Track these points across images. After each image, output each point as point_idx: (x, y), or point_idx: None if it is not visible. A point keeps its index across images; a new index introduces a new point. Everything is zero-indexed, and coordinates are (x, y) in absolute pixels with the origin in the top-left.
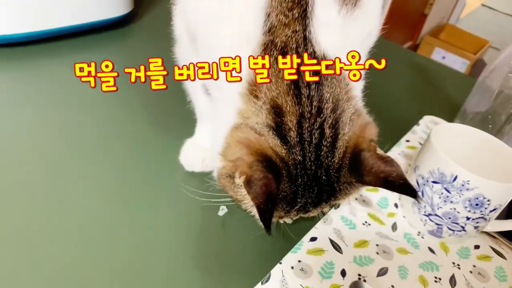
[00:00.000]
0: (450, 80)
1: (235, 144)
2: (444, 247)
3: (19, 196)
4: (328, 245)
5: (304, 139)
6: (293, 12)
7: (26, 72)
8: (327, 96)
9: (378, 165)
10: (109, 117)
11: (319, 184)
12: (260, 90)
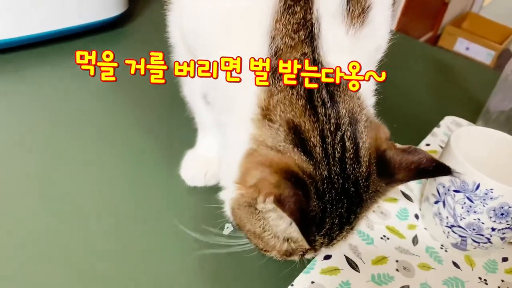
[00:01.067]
0: (473, 74)
1: (254, 167)
2: (470, 260)
3: (15, 200)
4: (344, 263)
5: (328, 154)
6: (299, 34)
7: (21, 77)
8: (343, 112)
9: (406, 158)
10: (103, 123)
11: (348, 197)
12: (275, 113)
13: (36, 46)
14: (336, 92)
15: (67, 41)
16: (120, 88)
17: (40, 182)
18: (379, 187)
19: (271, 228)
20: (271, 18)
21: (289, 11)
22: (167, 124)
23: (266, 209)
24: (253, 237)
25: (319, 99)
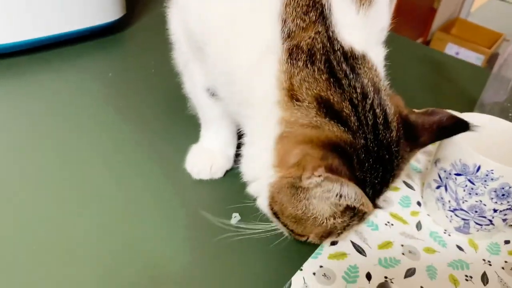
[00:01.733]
0: (465, 73)
1: (293, 146)
2: (473, 243)
3: (18, 202)
4: (351, 248)
5: (362, 123)
6: (309, 15)
7: (19, 83)
8: (366, 82)
9: (427, 119)
10: (105, 127)
11: (383, 165)
12: (301, 92)
13: (36, 51)
14: (356, 65)
15: (66, 46)
16: (122, 89)
17: (47, 182)
18: (405, 153)
19: (314, 207)
20: (281, 3)
21: None
22: (169, 121)
23: (312, 184)
24: (292, 222)
25: (341, 72)
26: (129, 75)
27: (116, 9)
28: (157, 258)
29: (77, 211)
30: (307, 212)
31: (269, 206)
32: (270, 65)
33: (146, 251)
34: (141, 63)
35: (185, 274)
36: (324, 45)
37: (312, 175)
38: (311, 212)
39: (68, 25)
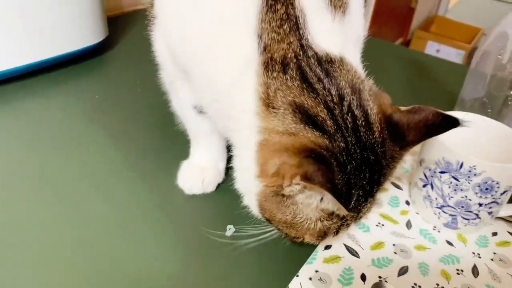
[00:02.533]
0: (445, 71)
1: (271, 155)
2: (462, 238)
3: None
4: (344, 251)
5: (340, 126)
6: (283, 27)
7: (6, 111)
8: (343, 84)
9: (412, 117)
10: (95, 147)
11: (369, 165)
12: (276, 100)
13: (21, 78)
14: (330, 68)
15: (51, 72)
16: (110, 110)
17: (37, 201)
18: (394, 152)
19: (301, 211)
20: (257, 20)
21: (271, 9)
22: (159, 138)
23: (293, 192)
24: (284, 227)
25: (314, 76)
26: (116, 95)
27: (98, 32)
28: (156, 272)
29: (69, 230)
30: (295, 217)
31: (261, 213)
32: (248, 79)
33: (142, 267)
34: (127, 83)
35: (183, 284)
36: (297, 54)
37: (291, 183)
38: (299, 217)
39: (51, 51)
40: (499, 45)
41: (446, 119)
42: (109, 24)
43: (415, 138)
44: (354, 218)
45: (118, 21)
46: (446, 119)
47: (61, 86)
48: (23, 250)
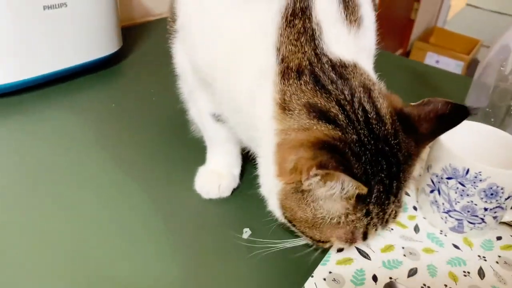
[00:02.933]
0: (446, 81)
1: (288, 152)
2: (468, 242)
3: (13, 239)
4: (356, 254)
5: (352, 119)
6: (300, 40)
7: (24, 120)
8: (356, 84)
9: (423, 109)
10: (113, 155)
11: (385, 157)
12: (292, 103)
13: (39, 88)
14: (344, 72)
15: (67, 81)
16: (126, 118)
17: (55, 207)
18: (411, 148)
19: (322, 207)
20: (276, 35)
21: (290, 24)
22: (175, 145)
23: (312, 185)
24: (307, 228)
25: (327, 79)
26: (131, 104)
27: (113, 43)
28: (174, 274)
29: (88, 235)
30: (317, 214)
31: (283, 215)
32: (266, 88)
33: (161, 269)
34: (141, 92)
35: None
36: (311, 61)
37: (309, 176)
38: (321, 214)
39: (68, 61)
40: (501, 57)
41: (455, 108)
42: (123, 34)
43: (428, 130)
44: (380, 217)
45: (131, 32)
46: (455, 108)
47: (79, 95)
48: (35, 260)
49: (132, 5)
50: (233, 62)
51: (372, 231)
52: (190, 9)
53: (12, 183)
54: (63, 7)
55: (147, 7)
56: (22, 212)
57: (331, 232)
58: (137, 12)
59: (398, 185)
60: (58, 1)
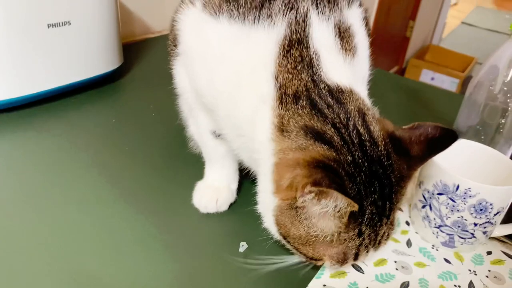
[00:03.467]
0: (440, 99)
1: (285, 171)
2: (459, 256)
3: (15, 254)
4: (349, 267)
5: (347, 141)
6: (297, 68)
7: (25, 134)
8: (351, 108)
9: (414, 132)
10: (112, 168)
11: (378, 179)
12: (289, 125)
13: (43, 102)
14: (341, 97)
15: (70, 96)
16: (126, 133)
17: (56, 219)
18: (403, 170)
19: (315, 225)
20: (274, 65)
21: (287, 54)
22: (173, 160)
23: (306, 203)
24: (301, 245)
25: (324, 104)
26: (131, 120)
27: (114, 59)
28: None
29: (87, 249)
30: (310, 232)
31: (278, 231)
32: (265, 113)
33: (159, 280)
34: (141, 108)
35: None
36: (308, 87)
37: (303, 193)
38: (315, 232)
39: (71, 77)
40: (491, 77)
41: (445, 132)
42: (123, 51)
43: (419, 153)
44: (372, 238)
45: (131, 49)
46: (444, 132)
47: (80, 110)
48: (36, 275)
49: (133, 22)
50: (234, 91)
51: (364, 253)
52: (192, 40)
53: (11, 198)
54: (66, 25)
55: (147, 24)
56: (21, 226)
57: (323, 251)
58: (137, 29)
59: (390, 206)
60: (62, 20)
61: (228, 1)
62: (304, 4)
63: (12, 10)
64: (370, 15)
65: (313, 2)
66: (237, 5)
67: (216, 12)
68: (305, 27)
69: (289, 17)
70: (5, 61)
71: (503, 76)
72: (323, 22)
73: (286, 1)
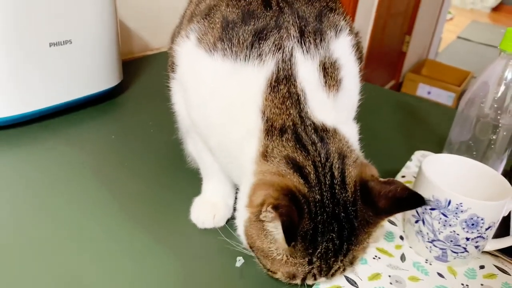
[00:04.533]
0: (435, 114)
1: (259, 188)
2: (452, 270)
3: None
4: (344, 282)
5: (320, 181)
6: (286, 103)
7: (25, 151)
8: (333, 149)
9: (384, 187)
10: (112, 185)
11: (338, 221)
12: (273, 154)
13: (44, 119)
14: (325, 136)
15: (70, 113)
16: (125, 148)
17: (55, 234)
18: (368, 217)
19: (274, 242)
20: (262, 99)
21: (274, 90)
22: (172, 176)
23: (266, 218)
24: (262, 256)
25: (309, 140)
26: (130, 136)
27: (114, 77)
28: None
29: (85, 260)
30: (270, 246)
31: (246, 241)
32: (252, 144)
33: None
34: (140, 124)
35: None
36: (295, 122)
37: (265, 210)
38: (271, 248)
39: (71, 94)
40: (481, 94)
41: (411, 195)
42: (123, 68)
43: (385, 206)
44: (322, 270)
45: (130, 66)
46: (411, 195)
47: (80, 127)
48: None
49: (132, 40)
50: (225, 123)
51: (311, 279)
52: (187, 73)
53: (12, 214)
54: (67, 44)
55: (146, 41)
56: (21, 244)
57: (278, 266)
58: (136, 46)
59: (348, 247)
60: (64, 39)
61: (222, 41)
62: (290, 43)
63: (17, 30)
64: (366, 30)
65: (299, 41)
66: (230, 45)
67: (211, 50)
68: (291, 65)
69: (277, 56)
70: (7, 79)
71: (493, 93)
72: (308, 60)
73: (276, 42)
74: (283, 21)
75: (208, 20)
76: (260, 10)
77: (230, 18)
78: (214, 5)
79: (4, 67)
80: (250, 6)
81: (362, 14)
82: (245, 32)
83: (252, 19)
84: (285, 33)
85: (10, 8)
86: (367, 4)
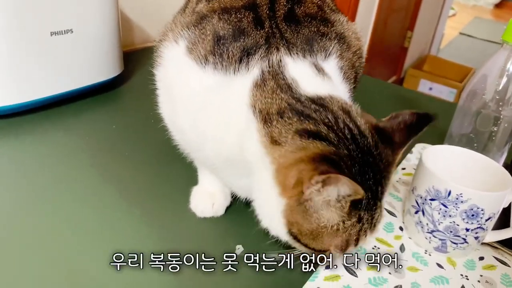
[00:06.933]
0: (435, 108)
1: (289, 170)
2: (451, 261)
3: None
4: (343, 271)
5: (340, 137)
6: (276, 92)
7: (25, 141)
8: (335, 109)
9: (394, 122)
10: (113, 175)
11: (370, 167)
12: (281, 136)
13: (45, 108)
14: (323, 102)
15: (71, 103)
16: (126, 139)
17: (53, 224)
18: (389, 157)
19: (323, 216)
20: (249, 96)
21: (261, 85)
22: (171, 165)
23: (312, 194)
24: (311, 239)
25: (310, 110)
26: (131, 126)
27: (115, 67)
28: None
29: (85, 250)
30: (320, 223)
31: (288, 231)
32: (253, 136)
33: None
34: (140, 115)
35: None
36: (290, 103)
37: (310, 185)
38: (323, 223)
39: (72, 84)
40: (482, 86)
41: (421, 117)
42: (124, 59)
43: (401, 139)
44: (369, 222)
45: (131, 57)
46: (420, 117)
47: (80, 116)
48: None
49: (133, 31)
50: (219, 130)
51: (363, 237)
52: (174, 80)
53: (12, 203)
54: (69, 33)
55: (147, 33)
56: (21, 230)
57: (330, 241)
58: (137, 38)
59: (382, 190)
60: (65, 28)
61: (214, 55)
62: (278, 55)
63: (18, 18)
64: (368, 26)
65: (288, 53)
66: (221, 59)
67: (202, 62)
68: (280, 67)
69: (264, 64)
70: (8, 67)
71: (495, 84)
72: (298, 63)
73: (262, 55)
74: (273, 42)
75: (200, 30)
76: (250, 29)
77: (221, 34)
78: (206, 16)
79: (4, 55)
80: (241, 23)
81: (364, 9)
82: (234, 48)
83: (242, 36)
84: (274, 49)
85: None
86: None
